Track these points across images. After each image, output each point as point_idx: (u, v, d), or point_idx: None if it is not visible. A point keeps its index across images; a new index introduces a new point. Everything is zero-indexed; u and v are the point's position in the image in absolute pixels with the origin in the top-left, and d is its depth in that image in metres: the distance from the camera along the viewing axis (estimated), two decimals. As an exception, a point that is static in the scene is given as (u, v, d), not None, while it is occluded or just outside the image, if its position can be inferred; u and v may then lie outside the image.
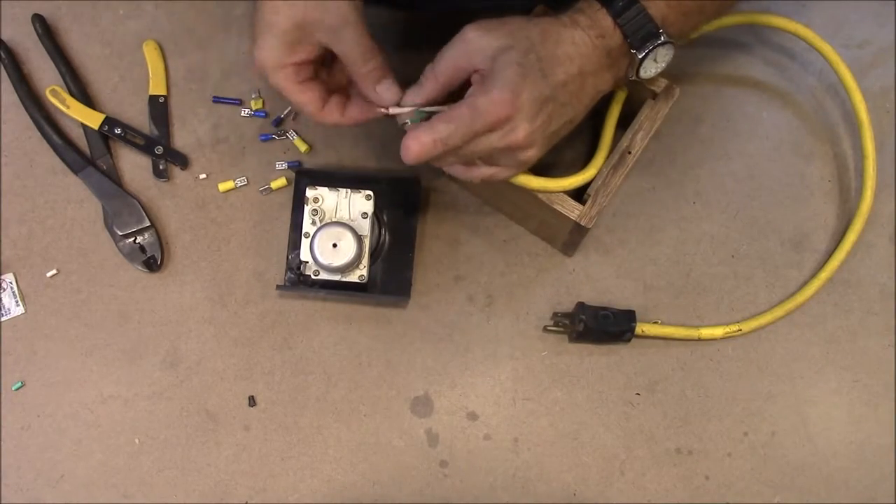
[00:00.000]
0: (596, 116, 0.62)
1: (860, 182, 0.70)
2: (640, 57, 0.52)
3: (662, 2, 0.52)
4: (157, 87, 0.71)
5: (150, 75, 0.71)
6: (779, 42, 0.73)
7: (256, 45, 0.52)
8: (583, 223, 0.59)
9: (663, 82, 0.61)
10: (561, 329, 0.66)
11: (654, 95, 0.61)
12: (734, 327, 0.66)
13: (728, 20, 0.66)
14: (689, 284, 0.68)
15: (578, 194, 0.60)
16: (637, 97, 0.63)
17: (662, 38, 0.51)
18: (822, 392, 0.66)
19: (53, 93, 0.69)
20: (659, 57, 0.53)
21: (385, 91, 0.53)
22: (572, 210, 0.59)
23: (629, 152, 0.60)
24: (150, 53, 0.72)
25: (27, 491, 0.64)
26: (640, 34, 0.51)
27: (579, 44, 0.51)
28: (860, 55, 0.73)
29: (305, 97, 0.54)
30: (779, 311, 0.66)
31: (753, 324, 0.66)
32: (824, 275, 0.67)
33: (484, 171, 0.54)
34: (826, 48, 0.65)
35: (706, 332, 0.66)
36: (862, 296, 0.67)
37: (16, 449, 0.65)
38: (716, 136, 0.71)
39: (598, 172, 0.60)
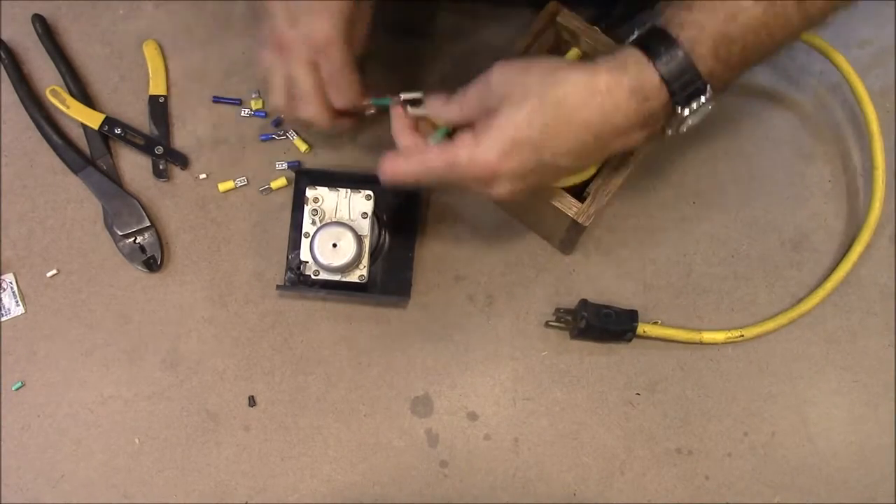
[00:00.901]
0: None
1: (861, 183, 0.70)
2: (685, 115, 0.48)
3: (710, 55, 0.47)
4: (157, 87, 0.71)
5: (150, 75, 0.71)
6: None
7: (311, 18, 0.53)
8: (580, 221, 0.59)
9: None
10: (562, 325, 0.66)
11: None
12: (736, 332, 0.65)
13: None
14: (689, 284, 0.68)
15: (579, 192, 0.60)
16: None
17: (708, 93, 0.47)
18: (822, 392, 0.66)
19: (53, 93, 0.69)
20: (699, 112, 0.49)
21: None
22: (570, 207, 0.59)
23: (631, 153, 0.60)
24: (151, 53, 0.72)
25: (27, 491, 0.64)
26: (687, 92, 0.47)
27: (609, 111, 0.47)
28: (860, 55, 0.73)
29: (356, 77, 0.56)
30: (782, 319, 0.66)
31: (756, 330, 0.66)
32: (829, 284, 0.66)
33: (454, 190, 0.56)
34: (843, 63, 0.65)
35: (708, 336, 0.65)
36: (862, 296, 0.67)
37: (16, 449, 0.65)
38: (716, 136, 0.71)
39: (599, 171, 0.60)
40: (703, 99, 0.47)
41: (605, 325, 0.64)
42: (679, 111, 0.48)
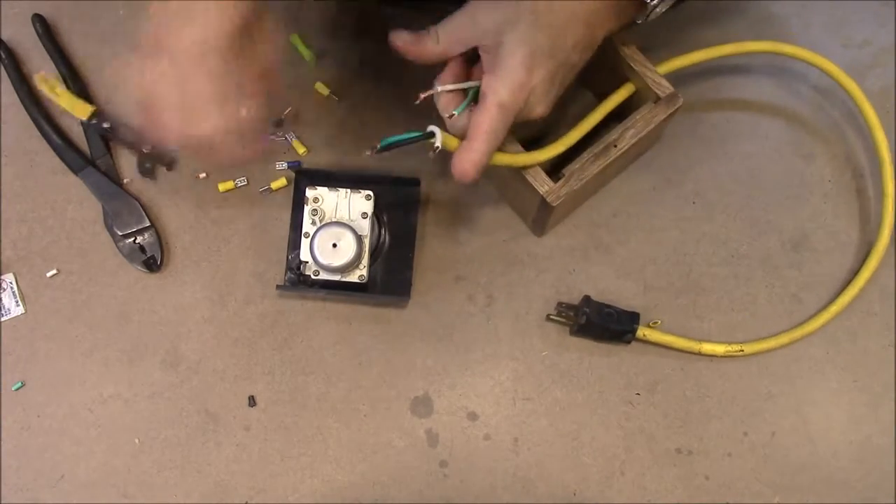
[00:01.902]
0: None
1: (861, 182, 0.70)
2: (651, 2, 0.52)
3: None
4: (156, 87, 0.71)
5: (150, 75, 0.71)
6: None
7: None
8: (549, 199, 0.59)
9: (668, 88, 0.61)
10: (563, 320, 0.66)
11: (657, 99, 0.61)
12: (736, 347, 0.65)
13: (751, 46, 0.66)
14: (689, 284, 0.68)
15: (555, 174, 0.60)
16: (643, 98, 0.63)
17: None
18: (822, 392, 0.66)
19: (43, 80, 0.68)
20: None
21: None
22: (542, 184, 0.59)
23: (615, 146, 0.60)
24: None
25: (27, 491, 0.64)
26: None
27: (588, 2, 0.51)
28: (860, 55, 0.73)
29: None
30: (784, 339, 0.66)
31: (756, 347, 0.66)
32: (835, 308, 0.66)
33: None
34: (851, 85, 0.66)
35: (708, 348, 0.65)
36: (862, 296, 0.67)
37: (16, 449, 0.65)
38: (716, 136, 0.71)
39: (579, 157, 0.60)
40: None
41: (606, 323, 0.64)
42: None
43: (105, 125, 0.69)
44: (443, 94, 0.55)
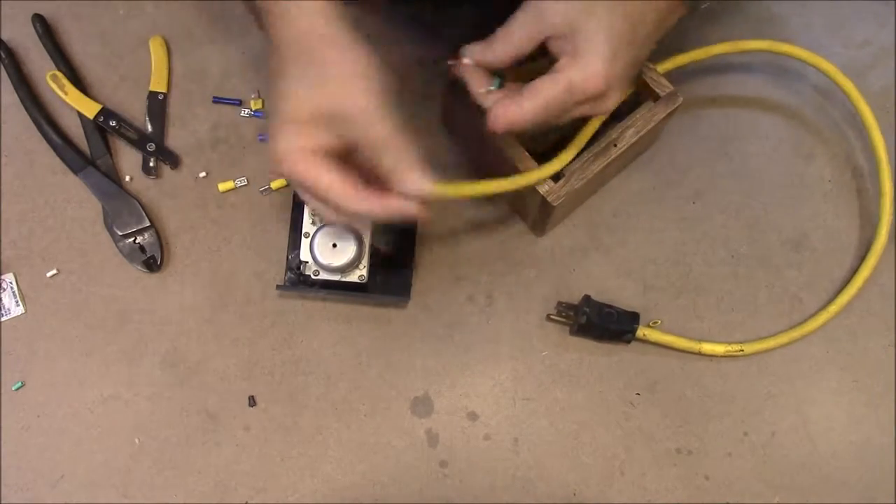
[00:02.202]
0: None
1: (861, 182, 0.70)
2: None
3: None
4: (158, 84, 0.71)
5: (153, 70, 0.71)
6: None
7: (273, 137, 0.47)
8: (549, 199, 0.59)
9: (668, 87, 0.61)
10: (563, 319, 0.66)
11: (657, 98, 0.61)
12: (736, 347, 0.65)
13: (750, 45, 0.65)
14: (689, 284, 0.68)
15: (556, 174, 0.60)
16: (642, 97, 0.63)
17: None
18: (822, 392, 0.66)
19: (54, 77, 0.69)
20: None
21: (413, 184, 0.48)
22: (542, 184, 0.59)
23: (615, 145, 0.60)
24: (156, 49, 0.71)
25: (27, 491, 0.64)
26: None
27: None
28: (860, 55, 0.73)
29: (330, 177, 0.47)
30: (783, 338, 0.66)
31: (756, 346, 0.66)
32: (834, 308, 0.66)
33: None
34: (848, 85, 0.66)
35: (708, 348, 0.65)
36: (862, 296, 0.67)
37: (16, 449, 0.65)
38: (716, 136, 0.71)
39: (579, 156, 0.60)
40: None
41: (605, 323, 0.64)
42: None
43: (112, 123, 0.70)
44: (475, 72, 0.53)
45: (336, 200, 0.48)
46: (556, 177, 0.59)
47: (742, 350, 0.65)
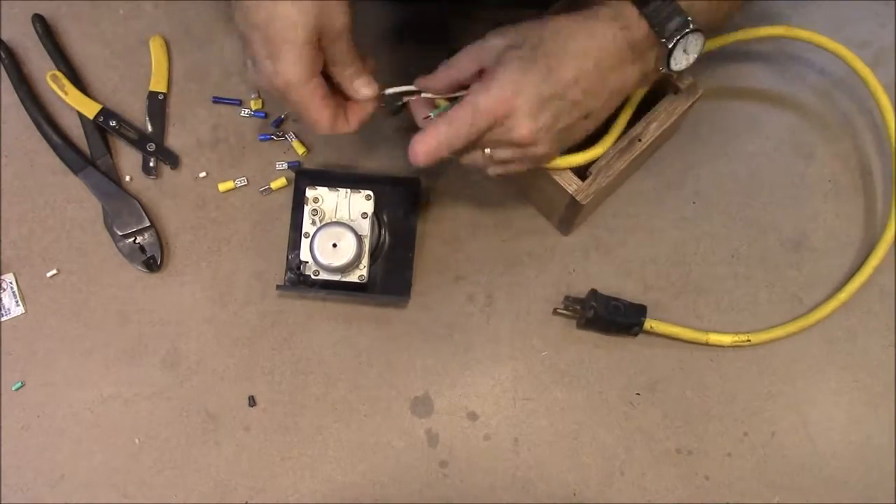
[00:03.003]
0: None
1: (861, 182, 0.70)
2: (669, 47, 0.50)
3: None
4: (158, 84, 0.71)
5: (153, 70, 0.71)
6: (779, 42, 0.73)
7: (277, 62, 0.49)
8: (578, 199, 0.59)
9: (688, 79, 0.61)
10: (570, 313, 0.66)
11: (677, 90, 0.61)
12: (743, 337, 0.65)
13: (766, 32, 0.65)
14: (689, 284, 0.68)
15: (582, 172, 0.60)
16: (661, 90, 0.63)
17: (691, 25, 0.50)
18: (822, 392, 0.66)
19: (54, 78, 0.69)
20: (689, 48, 0.51)
21: (364, 87, 0.53)
22: (570, 184, 0.59)
23: (639, 140, 0.60)
24: (156, 49, 0.71)
25: (27, 491, 0.64)
26: (668, 23, 0.50)
27: (598, 37, 0.50)
28: (860, 55, 0.72)
29: (327, 112, 0.53)
30: (791, 328, 0.66)
31: (763, 336, 0.66)
32: (843, 296, 0.66)
33: (498, 168, 0.55)
34: (865, 71, 0.65)
35: (714, 338, 0.65)
36: (862, 296, 0.67)
37: (16, 449, 0.65)
38: (716, 136, 0.71)
39: (605, 153, 0.60)
40: (686, 30, 0.50)
41: (613, 316, 0.64)
42: (665, 44, 0.50)
43: (112, 123, 0.70)
44: (417, 101, 0.55)
45: (321, 128, 0.53)
46: (583, 176, 0.59)
47: (749, 340, 0.65)
